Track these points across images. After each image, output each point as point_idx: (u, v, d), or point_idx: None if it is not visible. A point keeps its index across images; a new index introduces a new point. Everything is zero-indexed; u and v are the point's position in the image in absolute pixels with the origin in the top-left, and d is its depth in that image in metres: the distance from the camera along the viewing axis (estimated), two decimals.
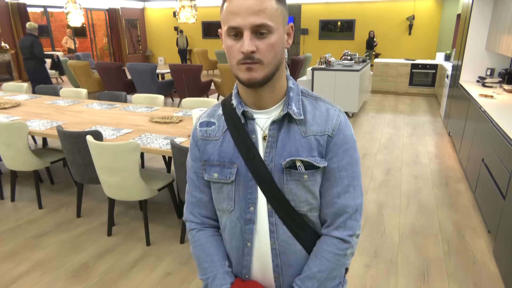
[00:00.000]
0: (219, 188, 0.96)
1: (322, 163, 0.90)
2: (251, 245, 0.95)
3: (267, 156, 0.91)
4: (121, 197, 2.69)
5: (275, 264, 0.95)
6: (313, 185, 0.92)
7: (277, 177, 0.91)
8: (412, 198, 3.52)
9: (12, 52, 10.61)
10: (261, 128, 0.93)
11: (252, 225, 0.94)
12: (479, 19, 4.65)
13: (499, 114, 3.12)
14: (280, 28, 0.83)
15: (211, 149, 0.96)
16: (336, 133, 0.91)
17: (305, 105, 0.93)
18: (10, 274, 2.44)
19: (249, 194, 0.93)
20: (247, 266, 0.97)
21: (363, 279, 2.40)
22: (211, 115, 0.99)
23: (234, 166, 0.93)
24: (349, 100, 6.53)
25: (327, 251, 0.92)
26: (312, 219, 0.95)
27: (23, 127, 3.02)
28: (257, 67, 0.82)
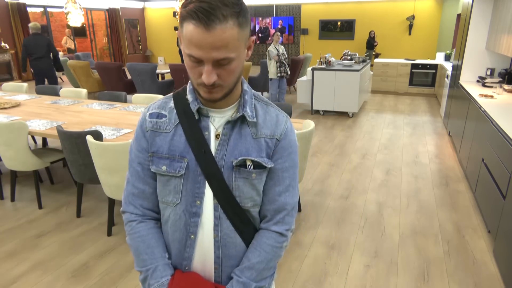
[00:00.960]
0: (166, 181, 0.97)
1: (269, 163, 0.97)
2: (194, 237, 0.98)
3: (218, 153, 0.95)
4: (121, 197, 2.69)
5: (216, 256, 0.99)
6: (259, 183, 0.98)
7: (226, 174, 0.95)
8: (412, 198, 3.52)
9: (12, 52, 10.60)
10: (214, 126, 0.96)
11: (198, 218, 0.97)
12: (479, 19, 4.65)
13: (499, 114, 3.12)
14: (241, 52, 0.85)
15: (161, 142, 0.97)
16: (283, 137, 0.98)
17: (257, 108, 0.99)
18: (10, 274, 2.44)
19: (197, 188, 0.96)
20: (188, 257, 1.00)
21: (363, 279, 2.40)
22: (162, 107, 1.00)
23: (184, 160, 0.95)
24: (349, 100, 6.53)
25: (266, 244, 0.99)
26: (254, 215, 1.01)
27: (23, 127, 3.02)
28: (218, 90, 0.87)
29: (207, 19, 0.76)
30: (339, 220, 3.12)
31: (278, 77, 6.54)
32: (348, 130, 5.82)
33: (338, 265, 2.54)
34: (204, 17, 0.76)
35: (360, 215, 3.21)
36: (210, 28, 0.77)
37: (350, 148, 4.95)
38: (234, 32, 0.80)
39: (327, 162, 4.43)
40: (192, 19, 0.78)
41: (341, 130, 5.82)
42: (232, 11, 0.78)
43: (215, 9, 0.77)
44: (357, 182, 3.86)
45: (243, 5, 0.83)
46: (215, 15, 0.77)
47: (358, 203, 3.41)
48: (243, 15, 0.81)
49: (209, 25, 0.77)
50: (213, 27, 0.77)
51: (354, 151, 4.81)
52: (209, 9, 0.76)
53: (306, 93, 7.00)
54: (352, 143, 5.16)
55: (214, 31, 0.77)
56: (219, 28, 0.77)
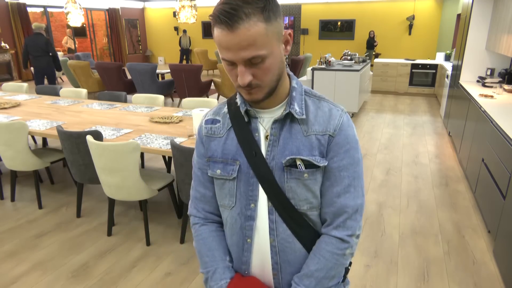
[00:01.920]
0: (222, 185, 0.98)
1: (322, 162, 0.91)
2: (251, 241, 0.97)
3: (268, 154, 0.92)
4: (121, 197, 2.69)
5: (274, 261, 0.96)
6: (313, 184, 0.92)
7: (278, 175, 0.92)
8: (412, 198, 3.52)
9: (12, 52, 10.60)
10: (263, 127, 0.94)
11: (252, 222, 0.95)
12: (479, 19, 4.65)
13: (499, 114, 3.12)
14: (274, 48, 0.82)
15: (215, 146, 0.98)
16: (338, 133, 0.91)
17: (308, 104, 0.94)
18: (10, 274, 2.44)
19: (250, 191, 0.94)
20: (246, 262, 0.99)
21: (363, 279, 2.40)
22: (217, 113, 1.01)
23: (236, 163, 0.95)
24: (349, 100, 6.53)
25: (325, 250, 0.93)
26: (312, 218, 0.96)
27: (23, 127, 3.02)
28: (257, 90, 0.85)
29: (230, 20, 0.76)
30: None
31: None
32: None
33: None
34: (226, 19, 0.76)
35: None
36: (234, 29, 0.76)
37: None
38: (260, 28, 0.77)
39: None
40: (217, 23, 0.78)
41: None
42: (255, 7, 0.77)
43: (237, 9, 0.76)
44: None
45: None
46: (237, 15, 0.76)
47: None
48: (269, 9, 0.79)
49: (232, 26, 0.76)
50: (236, 27, 0.76)
51: None
52: (230, 10, 0.76)
53: None
54: None
55: (238, 31, 0.76)
56: (243, 27, 0.76)
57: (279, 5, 0.83)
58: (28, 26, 11.01)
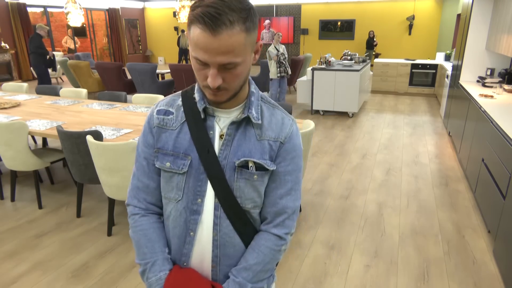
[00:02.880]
0: (169, 178, 0.99)
1: (272, 166, 0.97)
2: (193, 234, 0.99)
3: (221, 153, 0.95)
4: (121, 197, 2.69)
5: (214, 255, 1.00)
6: (261, 185, 0.98)
7: (229, 174, 0.95)
8: (412, 198, 3.52)
9: (12, 52, 10.60)
10: (219, 126, 0.97)
11: (198, 216, 0.98)
12: (479, 19, 4.65)
13: (499, 114, 3.12)
14: (248, 56, 0.85)
15: (166, 138, 0.98)
16: (288, 140, 0.98)
17: (263, 110, 0.99)
18: (10, 274, 2.44)
19: (199, 186, 0.96)
20: (187, 254, 1.01)
21: (363, 279, 2.40)
22: (170, 104, 1.01)
23: (188, 158, 0.96)
24: (349, 100, 6.53)
25: (264, 246, 0.99)
26: (254, 216, 1.01)
27: (23, 127, 3.02)
28: (223, 93, 0.88)
29: (214, 24, 0.76)
30: (339, 220, 3.12)
31: (278, 77, 6.54)
32: (348, 130, 5.82)
33: (338, 265, 2.54)
34: (210, 22, 0.76)
35: (360, 215, 3.21)
36: (216, 34, 0.77)
37: (350, 148, 4.95)
38: (241, 37, 0.80)
39: (327, 162, 4.43)
40: (199, 23, 0.78)
41: (341, 130, 5.82)
42: (239, 16, 0.78)
43: (222, 15, 0.76)
44: (357, 182, 3.86)
45: (252, 10, 0.82)
46: (222, 21, 0.76)
47: (358, 203, 3.41)
48: (250, 20, 0.81)
49: (216, 30, 0.77)
50: (220, 32, 0.77)
51: (354, 151, 4.81)
52: (216, 14, 0.76)
53: (306, 93, 7.00)
54: (352, 143, 5.16)
55: (220, 36, 0.77)
56: (226, 33, 0.77)
57: (257, 16, 0.86)
58: (28, 26, 11.01)
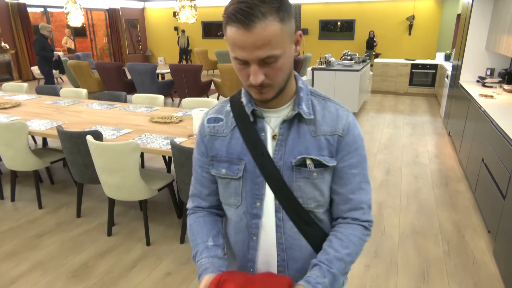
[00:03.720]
0: (227, 184, 0.98)
1: (331, 162, 0.93)
2: (256, 239, 0.97)
3: (276, 153, 0.93)
4: (121, 197, 2.69)
5: (281, 258, 0.97)
6: (322, 182, 0.94)
7: (286, 174, 0.92)
8: (412, 198, 3.52)
9: (12, 52, 10.60)
10: (270, 126, 0.94)
11: (258, 220, 0.96)
12: (479, 19, 4.65)
13: (499, 114, 3.12)
14: (287, 48, 0.83)
15: (219, 145, 0.98)
16: (346, 133, 0.94)
17: (315, 105, 0.95)
18: (10, 274, 2.44)
19: (257, 190, 0.95)
20: (252, 259, 0.99)
21: (363, 279, 2.40)
22: (219, 111, 1.01)
23: (242, 163, 0.95)
24: (349, 100, 6.53)
25: (353, 235, 0.94)
26: (318, 216, 0.98)
27: (23, 127, 3.02)
28: (268, 90, 0.85)
29: (246, 19, 0.76)
30: None
31: None
32: None
33: None
34: (242, 17, 0.76)
35: None
36: (250, 28, 0.76)
37: None
38: (276, 28, 0.78)
39: None
40: (232, 22, 0.77)
41: None
42: (271, 7, 0.77)
43: (253, 8, 0.75)
44: None
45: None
46: (254, 14, 0.75)
47: None
48: (284, 10, 0.79)
49: (249, 25, 0.76)
50: (253, 26, 0.76)
51: None
52: (247, 9, 0.75)
53: None
54: None
55: (254, 30, 0.76)
56: (259, 26, 0.76)
57: (291, 5, 0.83)
58: (28, 26, 11.01)
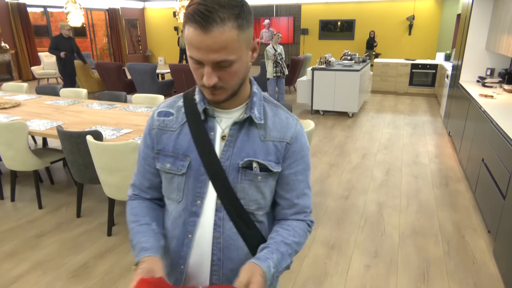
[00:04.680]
0: (170, 179, 0.98)
1: (276, 168, 0.96)
2: (192, 237, 0.97)
3: (223, 154, 0.94)
4: (121, 197, 2.69)
5: (216, 258, 0.97)
6: (265, 186, 0.97)
7: (232, 175, 0.94)
8: (412, 198, 3.52)
9: (12, 52, 10.60)
10: (220, 127, 0.96)
11: (196, 218, 0.96)
12: (479, 19, 4.65)
13: (499, 114, 3.12)
14: (243, 54, 0.84)
15: (167, 140, 0.98)
16: (294, 141, 0.98)
17: (266, 111, 0.98)
18: (10, 274, 2.44)
19: (199, 188, 0.95)
20: (184, 256, 0.99)
21: (363, 279, 2.40)
22: (171, 106, 1.01)
23: (187, 159, 0.95)
24: (349, 100, 6.53)
25: (299, 228, 0.99)
26: (258, 217, 1.00)
27: (23, 127, 3.02)
28: (220, 92, 0.87)
29: (204, 22, 0.77)
30: (339, 220, 3.12)
31: (274, 77, 6.54)
32: (348, 130, 5.82)
33: (338, 265, 2.54)
34: (201, 20, 0.77)
35: (360, 215, 3.21)
36: (208, 31, 0.77)
37: (350, 148, 4.95)
38: (233, 34, 0.79)
39: (327, 162, 4.43)
40: (191, 22, 0.78)
41: (341, 130, 5.82)
42: (230, 13, 0.78)
43: (212, 12, 0.77)
44: (357, 182, 3.86)
45: (245, 6, 0.81)
46: (213, 18, 0.77)
47: (358, 203, 3.41)
48: (243, 17, 0.80)
49: (206, 28, 0.77)
50: (210, 29, 0.77)
51: (354, 151, 4.81)
52: (206, 12, 0.76)
53: (306, 93, 7.00)
54: (352, 143, 5.16)
55: (211, 33, 0.77)
56: (217, 30, 0.77)
57: (252, 13, 0.85)
58: (28, 26, 11.01)
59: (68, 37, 7.08)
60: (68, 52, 7.10)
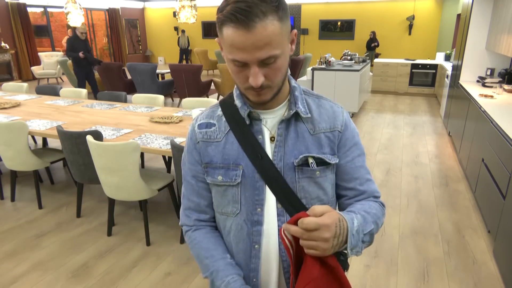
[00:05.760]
0: (223, 191, 0.94)
1: (333, 160, 0.93)
2: (259, 247, 0.93)
3: (275, 155, 0.90)
4: (121, 197, 2.69)
5: (287, 264, 0.93)
6: (324, 181, 0.93)
7: (288, 176, 0.90)
8: (412, 198, 3.52)
9: (12, 52, 10.60)
10: (267, 128, 0.92)
11: (260, 227, 0.92)
12: (479, 19, 4.65)
13: (499, 114, 3.12)
14: (285, 47, 0.81)
15: (213, 151, 0.94)
16: (345, 128, 0.95)
17: (309, 103, 0.95)
18: (10, 274, 2.44)
19: (256, 195, 0.91)
20: (255, 268, 0.95)
21: (363, 279, 2.40)
22: (210, 116, 0.97)
23: (239, 168, 0.91)
24: (349, 100, 6.53)
25: (373, 205, 0.95)
26: None
27: (23, 127, 3.02)
28: (267, 91, 0.83)
29: (247, 18, 0.73)
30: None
31: None
32: None
33: None
34: (242, 17, 0.73)
35: None
36: (251, 28, 0.73)
37: None
38: (276, 27, 0.75)
39: None
40: (231, 22, 0.74)
41: None
42: (270, 5, 0.74)
43: (253, 7, 0.73)
44: None
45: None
46: (254, 13, 0.73)
47: None
48: (282, 8, 0.77)
49: (249, 25, 0.73)
50: (254, 26, 0.73)
51: None
52: (247, 8, 0.72)
53: None
54: None
55: (255, 30, 0.73)
56: (260, 26, 0.73)
57: (287, 4, 0.81)
58: (28, 26, 11.01)
59: (84, 38, 7.00)
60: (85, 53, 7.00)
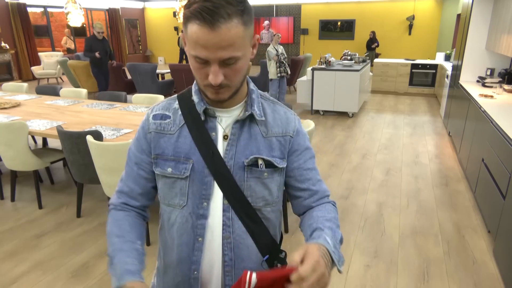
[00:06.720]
0: (172, 183, 0.96)
1: (281, 164, 0.97)
2: (202, 240, 0.96)
3: (227, 153, 0.94)
4: None
5: (228, 258, 0.96)
6: (271, 182, 0.97)
7: (237, 174, 0.94)
8: (412, 198, 3.52)
9: (12, 52, 10.60)
10: (221, 126, 0.95)
11: (205, 220, 0.95)
12: (479, 19, 4.65)
13: (499, 114, 3.12)
14: (247, 50, 0.85)
15: (165, 143, 0.96)
16: (296, 134, 1.00)
17: (265, 107, 0.99)
18: (10, 274, 2.44)
19: (204, 190, 0.94)
20: (196, 261, 0.97)
21: (363, 279, 2.40)
22: (166, 108, 0.99)
23: (189, 162, 0.93)
24: (349, 100, 6.53)
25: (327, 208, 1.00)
26: (265, 214, 0.99)
27: (23, 127, 3.02)
28: (225, 90, 0.86)
29: (212, 18, 0.75)
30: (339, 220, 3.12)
31: (278, 77, 6.54)
32: (348, 130, 5.82)
33: None
34: (208, 16, 0.75)
35: (360, 215, 3.21)
36: (215, 28, 0.76)
37: (350, 148, 4.95)
38: (240, 30, 0.79)
39: (327, 162, 4.43)
40: (197, 19, 0.77)
41: (341, 130, 5.82)
42: (236, 9, 0.78)
43: (219, 8, 0.76)
44: (357, 182, 3.86)
45: (247, 3, 0.81)
46: (220, 14, 0.76)
47: (358, 203, 3.41)
48: (247, 13, 0.80)
49: (214, 25, 0.76)
50: (218, 26, 0.76)
51: (354, 151, 4.81)
52: (213, 8, 0.75)
53: (306, 93, 7.00)
54: (352, 143, 5.16)
55: (219, 30, 0.76)
56: (224, 27, 0.76)
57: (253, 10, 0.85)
58: (28, 26, 11.01)
59: (102, 38, 6.93)
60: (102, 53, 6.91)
